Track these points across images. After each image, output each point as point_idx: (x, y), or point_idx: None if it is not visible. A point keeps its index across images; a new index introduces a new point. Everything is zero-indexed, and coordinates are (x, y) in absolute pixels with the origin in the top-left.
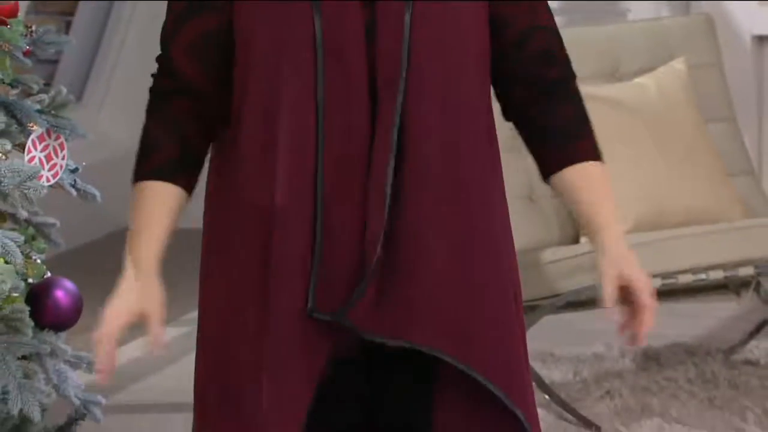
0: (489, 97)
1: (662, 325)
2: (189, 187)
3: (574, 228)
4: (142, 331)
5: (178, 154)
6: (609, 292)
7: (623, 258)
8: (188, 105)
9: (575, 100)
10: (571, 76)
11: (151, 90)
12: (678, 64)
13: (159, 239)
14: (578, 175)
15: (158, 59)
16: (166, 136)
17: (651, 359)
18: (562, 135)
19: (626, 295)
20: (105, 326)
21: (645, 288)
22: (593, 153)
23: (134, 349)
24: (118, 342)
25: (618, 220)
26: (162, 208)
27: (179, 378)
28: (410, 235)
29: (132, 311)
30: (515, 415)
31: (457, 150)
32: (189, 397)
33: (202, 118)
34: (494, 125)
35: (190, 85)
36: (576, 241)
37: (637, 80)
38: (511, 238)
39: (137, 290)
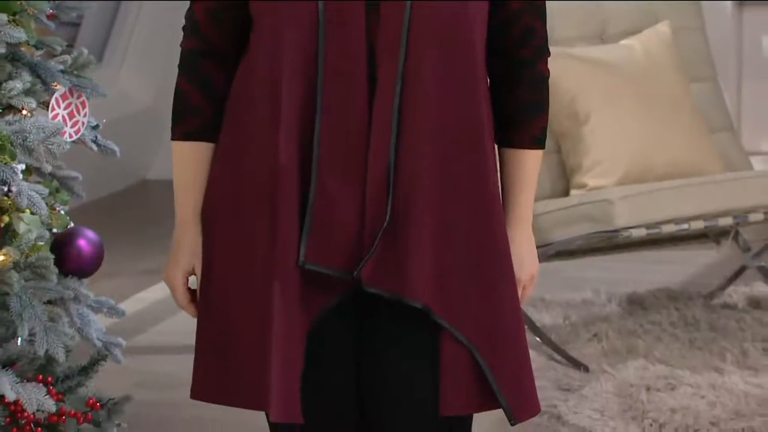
0: (484, 61)
1: (647, 272)
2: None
3: (565, 182)
4: (159, 277)
5: (212, 115)
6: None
7: (525, 252)
8: (217, 66)
9: (536, 85)
10: (541, 57)
11: (182, 47)
12: (663, 27)
13: (200, 195)
14: (513, 158)
15: (186, 16)
16: (200, 97)
17: (636, 304)
18: (509, 117)
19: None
20: (176, 295)
21: (532, 282)
22: (531, 142)
23: (152, 294)
24: (190, 296)
25: (529, 212)
26: (201, 168)
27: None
28: (406, 195)
29: (186, 272)
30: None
31: (454, 112)
32: None
33: (231, 77)
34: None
35: (215, 48)
36: (566, 194)
37: (623, 42)
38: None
39: (186, 247)
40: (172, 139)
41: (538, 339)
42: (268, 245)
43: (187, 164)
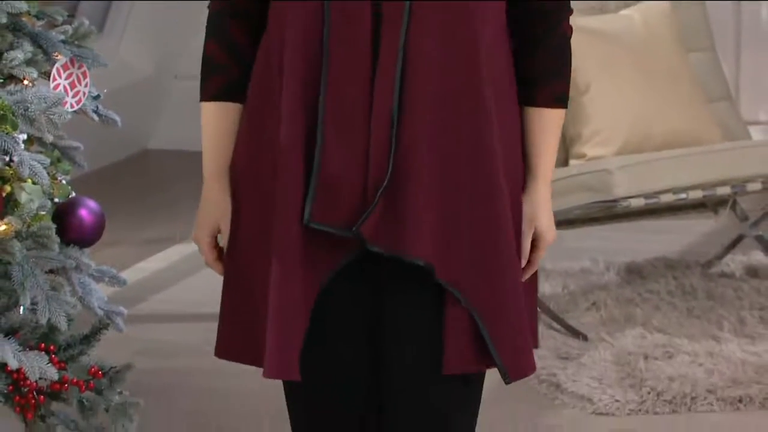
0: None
1: (645, 241)
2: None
3: (564, 151)
4: (160, 246)
5: (237, 75)
6: (525, 247)
7: (542, 210)
8: (243, 26)
9: (559, 45)
10: (565, 15)
11: (209, 8)
12: None
13: (224, 155)
14: (536, 117)
15: None
16: (225, 57)
17: (634, 273)
18: (532, 77)
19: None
20: (202, 253)
21: (543, 246)
22: (552, 101)
23: (153, 263)
24: (217, 254)
25: (550, 172)
26: (226, 128)
27: (197, 290)
28: (407, 155)
29: (213, 230)
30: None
31: (454, 76)
32: (207, 308)
33: (257, 38)
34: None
35: (241, 8)
36: (566, 164)
37: (622, 12)
38: (518, 155)
39: (212, 206)
40: (201, 100)
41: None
42: (271, 203)
43: (213, 124)
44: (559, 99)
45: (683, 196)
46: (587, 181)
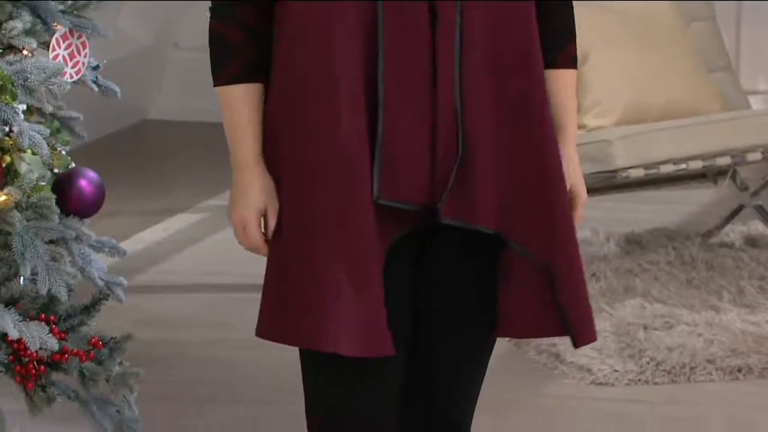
0: None
1: (645, 211)
2: (268, 78)
3: None
4: (160, 217)
5: (254, 52)
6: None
7: (576, 170)
8: (254, 5)
9: (568, 13)
10: None
11: None
12: None
13: (258, 137)
14: (560, 79)
15: None
16: (237, 35)
17: (634, 243)
18: (554, 41)
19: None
20: (248, 235)
21: (581, 202)
22: (571, 62)
23: (153, 234)
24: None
25: (576, 130)
26: (254, 109)
27: (197, 261)
28: (473, 126)
29: (260, 212)
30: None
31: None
32: (207, 278)
33: (268, 15)
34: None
35: None
36: None
37: None
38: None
39: (257, 189)
40: (216, 85)
41: None
42: (339, 183)
43: (239, 108)
44: (575, 59)
45: (683, 166)
46: (587, 151)
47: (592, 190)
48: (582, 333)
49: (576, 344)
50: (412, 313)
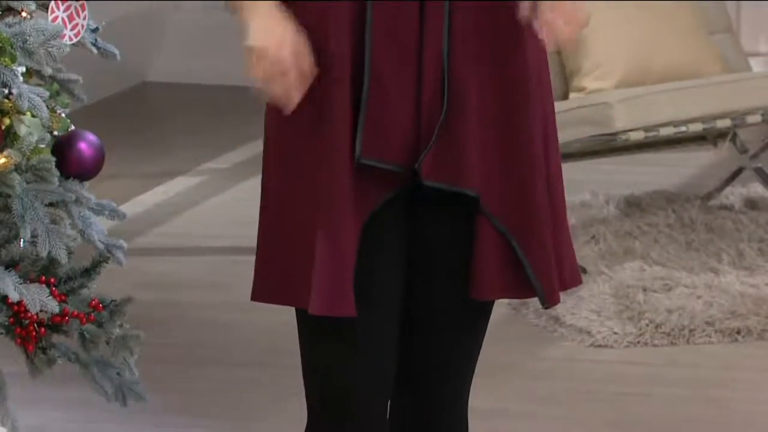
0: None
1: (645, 174)
2: None
3: (564, 85)
4: (160, 180)
5: None
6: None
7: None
8: None
9: None
10: None
11: None
12: None
13: None
14: None
15: None
16: None
17: (634, 206)
18: None
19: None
20: (273, 63)
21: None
22: None
23: (153, 196)
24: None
25: None
26: None
27: (197, 223)
28: (459, 88)
29: (292, 42)
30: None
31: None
32: (207, 241)
33: None
34: None
35: None
36: (566, 97)
37: None
38: (548, 83)
39: (282, 19)
40: None
41: None
42: (320, 142)
43: None
44: None
45: (683, 128)
46: (587, 114)
47: (591, 153)
48: (552, 291)
49: (546, 304)
50: (401, 278)
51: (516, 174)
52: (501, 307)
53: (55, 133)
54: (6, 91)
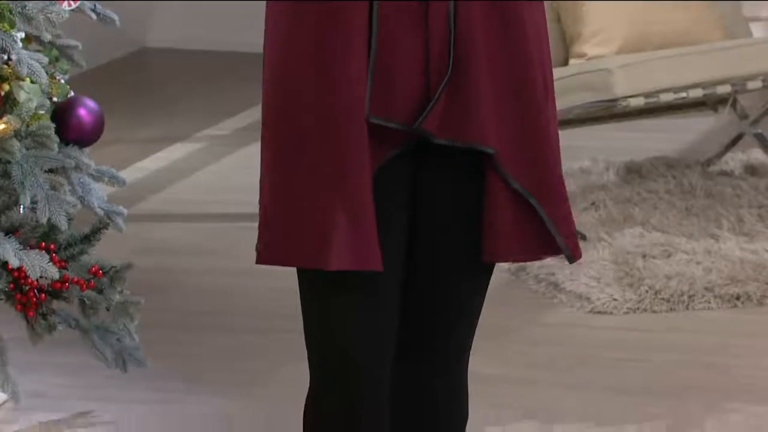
0: None
1: (644, 140)
2: None
3: (564, 51)
4: (160, 146)
5: None
6: None
7: None
8: None
9: None
10: None
11: None
12: None
13: None
14: None
15: None
16: None
17: (633, 172)
18: None
19: None
20: None
21: None
22: None
23: (153, 162)
24: None
25: None
26: None
27: (197, 189)
28: (466, 46)
29: None
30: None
31: None
32: (207, 207)
33: None
34: None
35: None
36: (566, 63)
37: None
38: (548, 48)
39: None
40: None
41: None
42: (330, 101)
43: None
44: None
45: (683, 95)
46: (587, 80)
47: (591, 119)
48: (575, 248)
49: (572, 258)
50: (404, 238)
51: (528, 132)
52: (501, 273)
53: (55, 99)
54: (5, 57)
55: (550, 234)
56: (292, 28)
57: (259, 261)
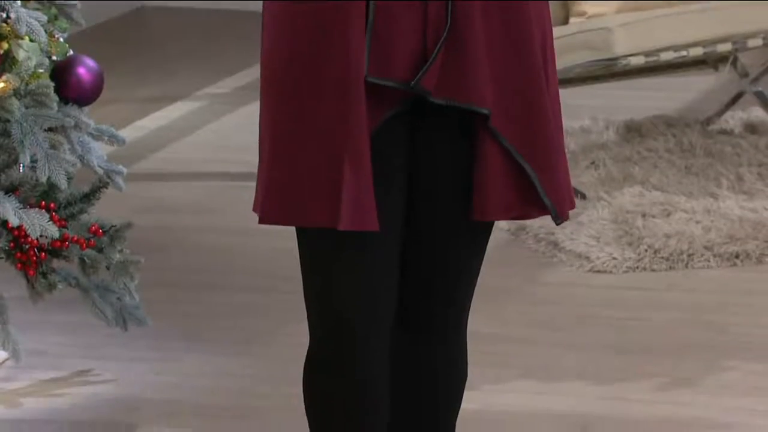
0: None
1: (645, 98)
2: None
3: (565, 10)
4: (159, 105)
5: None
6: None
7: None
8: None
9: None
10: None
11: None
12: None
13: None
14: None
15: None
16: None
17: (633, 131)
18: None
19: None
20: None
21: None
22: None
23: (152, 121)
24: None
25: None
26: None
27: (197, 148)
28: (464, 6)
29: None
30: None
31: None
32: (206, 166)
33: None
34: None
35: None
36: (566, 22)
37: None
38: (547, 6)
39: None
40: None
41: None
42: (330, 59)
43: None
44: None
45: (684, 53)
46: (587, 39)
47: (591, 78)
48: (562, 207)
49: (558, 220)
50: (402, 200)
51: (523, 93)
52: (500, 233)
53: (54, 57)
54: (4, 15)
55: (537, 193)
56: None
57: (262, 221)
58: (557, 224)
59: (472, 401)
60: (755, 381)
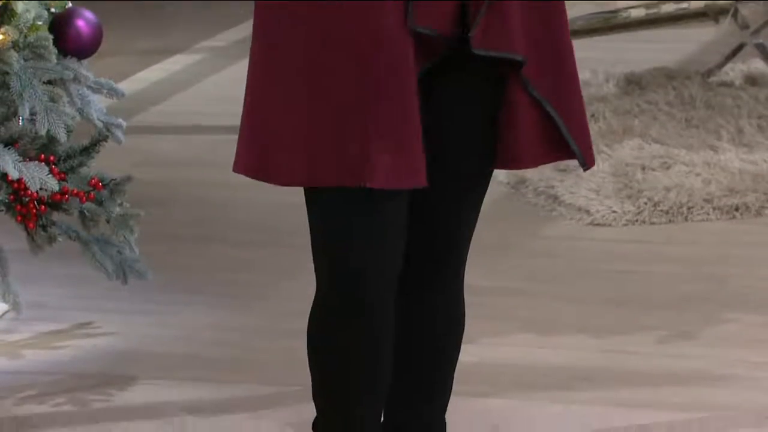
0: None
1: (645, 50)
2: None
3: None
4: (158, 57)
5: None
6: None
7: None
8: None
9: None
10: None
11: None
12: None
13: None
14: None
15: None
16: None
17: (633, 84)
18: None
19: None
20: None
21: None
22: None
23: (152, 73)
24: None
25: None
26: None
27: (197, 101)
28: None
29: None
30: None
31: None
32: (206, 119)
33: None
34: None
35: None
36: None
37: None
38: None
39: None
40: None
41: None
42: (369, 10)
43: None
44: None
45: (684, 5)
46: None
47: (591, 31)
48: (588, 155)
49: (585, 166)
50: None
51: (551, 44)
52: (500, 186)
53: (53, 10)
54: None
55: (564, 140)
56: None
57: (290, 182)
58: (585, 170)
59: (470, 354)
60: (755, 333)
